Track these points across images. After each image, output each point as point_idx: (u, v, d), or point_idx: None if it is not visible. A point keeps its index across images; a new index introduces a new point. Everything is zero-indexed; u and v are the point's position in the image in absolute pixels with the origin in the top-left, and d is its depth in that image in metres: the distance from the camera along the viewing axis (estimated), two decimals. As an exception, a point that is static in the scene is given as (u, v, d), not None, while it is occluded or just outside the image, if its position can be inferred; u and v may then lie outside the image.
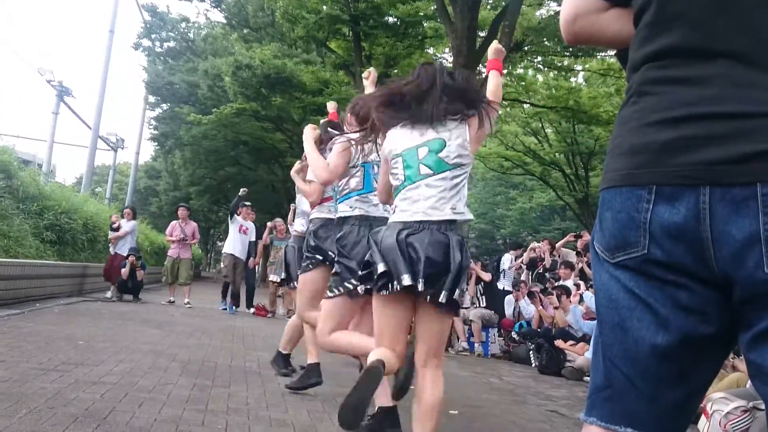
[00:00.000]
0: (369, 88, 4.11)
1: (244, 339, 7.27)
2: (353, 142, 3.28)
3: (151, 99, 28.27)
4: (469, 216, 2.79)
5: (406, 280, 2.57)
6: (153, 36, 28.83)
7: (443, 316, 2.70)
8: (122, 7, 60.42)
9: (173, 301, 11.42)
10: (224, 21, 24.93)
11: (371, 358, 2.68)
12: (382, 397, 3.28)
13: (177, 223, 11.71)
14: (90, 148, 20.70)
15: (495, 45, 3.39)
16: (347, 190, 3.52)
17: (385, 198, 3.08)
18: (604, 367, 1.24)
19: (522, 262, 11.20)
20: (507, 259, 10.92)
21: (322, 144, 4.05)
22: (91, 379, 4.08)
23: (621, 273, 1.21)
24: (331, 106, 5.16)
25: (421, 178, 2.73)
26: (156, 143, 32.78)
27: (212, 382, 4.53)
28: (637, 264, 1.18)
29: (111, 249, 11.43)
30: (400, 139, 2.84)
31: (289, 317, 11.01)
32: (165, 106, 28.42)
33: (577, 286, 8.02)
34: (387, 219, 3.00)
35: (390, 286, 2.64)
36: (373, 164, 3.49)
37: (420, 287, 2.55)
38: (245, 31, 22.57)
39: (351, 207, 3.49)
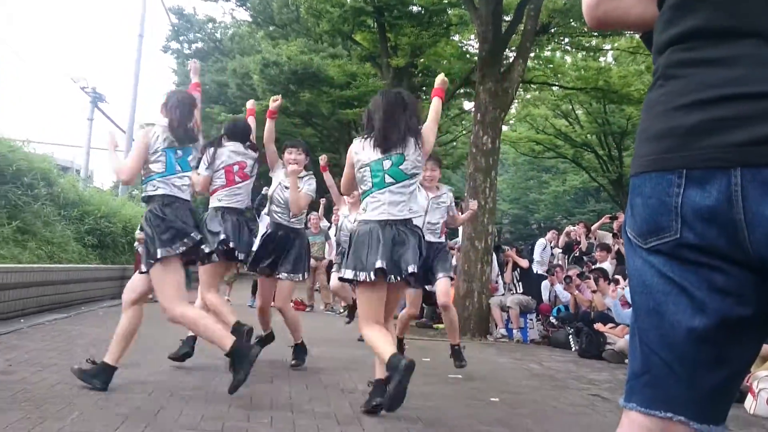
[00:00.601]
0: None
1: (284, 334, 7.35)
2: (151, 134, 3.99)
3: (182, 100, 28.59)
4: (420, 213, 4.10)
5: (379, 263, 3.45)
6: (181, 38, 29.14)
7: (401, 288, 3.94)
8: (150, 12, 61.23)
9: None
10: (250, 19, 25.02)
11: (388, 355, 3.37)
12: (378, 372, 3.80)
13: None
14: (125, 151, 21.06)
15: (441, 77, 4.28)
16: (151, 173, 3.95)
17: (345, 190, 4.28)
18: (641, 352, 1.24)
19: (557, 246, 11.13)
20: (540, 245, 10.86)
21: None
22: (139, 379, 4.19)
23: (654, 258, 1.21)
24: (250, 103, 6.02)
25: (386, 185, 3.62)
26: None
27: (256, 378, 4.60)
28: (671, 248, 1.18)
29: (139, 249, 11.60)
30: (367, 151, 3.67)
31: (327, 311, 11.15)
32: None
33: (616, 281, 7.92)
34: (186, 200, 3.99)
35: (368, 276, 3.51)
36: (175, 150, 4.04)
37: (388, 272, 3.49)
38: (271, 28, 22.63)
39: (154, 187, 3.95)
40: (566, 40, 15.13)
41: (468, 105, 20.67)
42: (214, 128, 25.27)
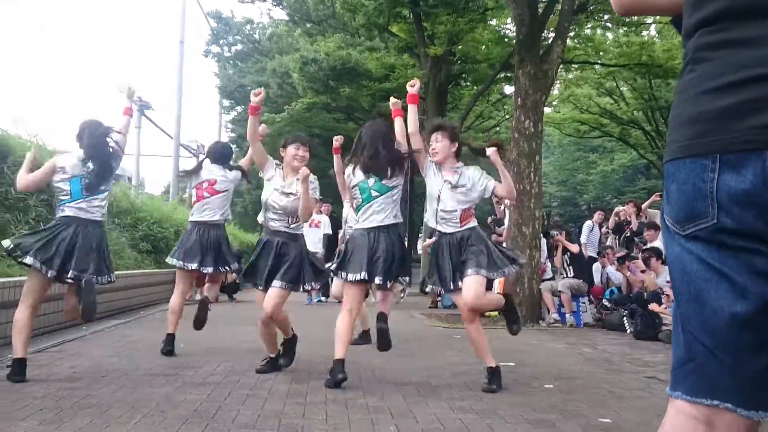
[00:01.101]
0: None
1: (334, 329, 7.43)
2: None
3: (226, 103, 29.06)
4: (400, 218, 4.67)
5: (363, 275, 4.34)
6: (221, 41, 29.53)
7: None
8: (190, 18, 62.26)
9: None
10: (287, 18, 25.21)
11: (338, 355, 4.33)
12: (340, 351, 4.34)
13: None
14: (173, 156, 21.56)
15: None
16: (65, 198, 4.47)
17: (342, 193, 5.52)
18: (684, 340, 1.24)
19: (608, 228, 10.96)
20: (587, 227, 10.72)
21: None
22: (197, 380, 4.31)
23: (693, 245, 1.20)
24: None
25: (373, 199, 4.48)
26: (235, 145, 33.66)
27: (309, 375, 4.69)
28: (709, 234, 1.17)
29: None
30: (357, 174, 4.53)
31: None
32: (239, 109, 29.11)
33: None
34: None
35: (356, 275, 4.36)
36: (81, 178, 4.48)
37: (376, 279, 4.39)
38: (308, 25, 22.75)
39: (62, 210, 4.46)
40: (606, 16, 14.83)
41: (509, 89, 20.44)
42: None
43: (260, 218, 4.98)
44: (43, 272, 4.20)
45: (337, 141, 5.56)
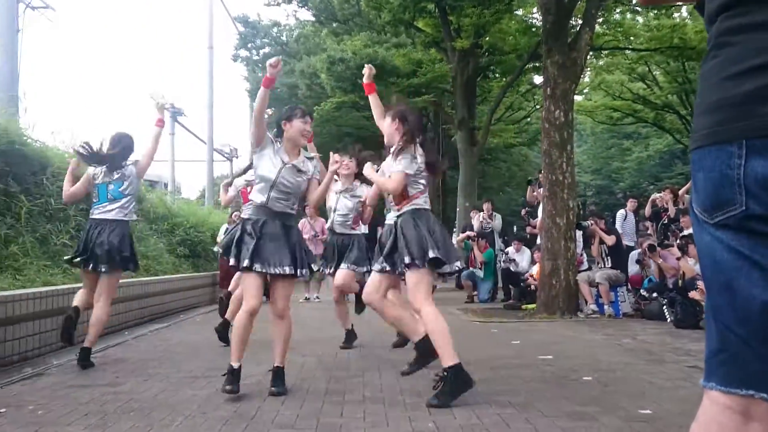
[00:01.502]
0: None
1: (371, 326, 7.46)
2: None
3: (256, 106, 29.30)
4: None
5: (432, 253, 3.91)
6: (249, 45, 29.81)
7: None
8: (217, 23, 62.92)
9: (309, 299, 11.58)
10: (313, 18, 25.35)
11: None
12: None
13: (306, 221, 11.13)
14: (207, 161, 21.83)
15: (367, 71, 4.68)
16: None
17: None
18: (716, 330, 1.22)
19: (646, 216, 10.81)
20: (620, 215, 10.58)
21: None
22: (236, 381, 4.35)
23: (722, 233, 1.19)
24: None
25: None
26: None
27: (347, 373, 4.72)
28: (738, 222, 1.15)
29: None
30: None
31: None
32: (270, 111, 29.38)
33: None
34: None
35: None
36: (107, 185, 5.17)
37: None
38: (334, 24, 22.86)
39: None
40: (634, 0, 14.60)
41: (538, 79, 20.26)
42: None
43: (256, 198, 4.18)
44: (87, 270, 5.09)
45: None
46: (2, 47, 9.42)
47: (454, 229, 17.73)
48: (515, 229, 15.94)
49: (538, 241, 9.87)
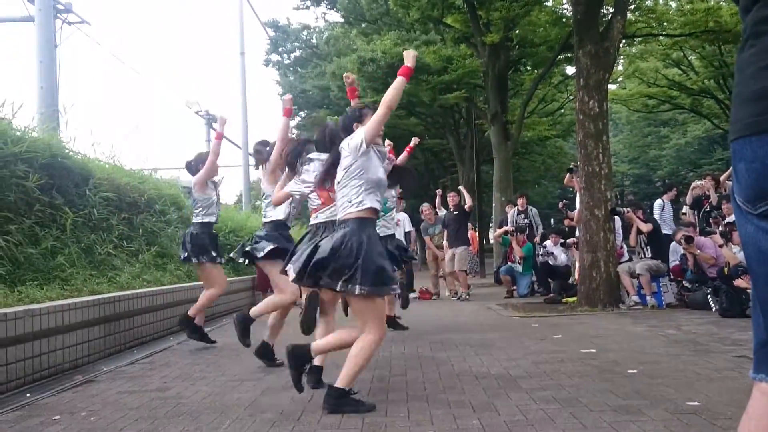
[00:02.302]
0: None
1: (413, 324, 7.49)
2: None
3: (289, 109, 29.54)
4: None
5: None
6: (279, 49, 30.12)
7: None
8: (248, 29, 63.47)
9: None
10: (342, 20, 25.49)
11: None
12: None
13: None
14: (243, 166, 22.06)
15: (409, 52, 4.03)
16: None
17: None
18: (764, 321, 1.21)
19: (686, 204, 10.62)
20: (658, 205, 10.41)
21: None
22: (280, 384, 4.42)
23: (767, 223, 1.18)
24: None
25: None
26: (299, 150, 34.28)
27: (390, 372, 4.74)
28: None
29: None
30: None
31: (454, 298, 11.21)
32: (302, 114, 29.64)
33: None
34: None
35: None
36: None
37: None
38: (363, 25, 22.95)
39: None
40: (667, -15, 14.36)
41: (571, 70, 20.04)
42: (321, 132, 26.12)
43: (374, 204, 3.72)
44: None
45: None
46: (41, 63, 9.66)
47: (491, 224, 17.66)
48: (552, 222, 15.79)
49: (577, 233, 9.77)
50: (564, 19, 16.43)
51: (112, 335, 5.94)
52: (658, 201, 10.67)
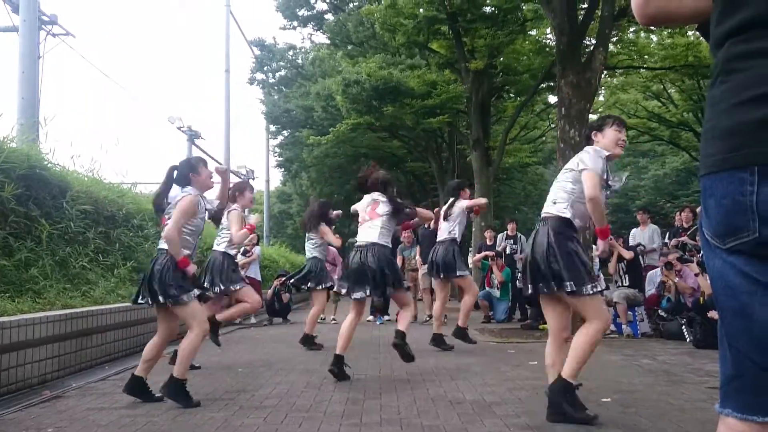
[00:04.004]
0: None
1: (390, 347, 7.44)
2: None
3: (272, 128, 29.57)
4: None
5: None
6: (265, 68, 30.14)
7: None
8: (234, 47, 63.61)
9: (335, 320, 11.56)
10: (328, 41, 25.61)
11: None
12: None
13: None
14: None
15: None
16: None
17: None
18: (731, 356, 1.22)
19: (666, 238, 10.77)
20: (634, 235, 10.53)
21: None
22: (253, 404, 4.38)
23: (735, 258, 1.19)
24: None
25: None
26: (283, 169, 34.24)
27: (364, 395, 4.71)
28: (751, 248, 1.16)
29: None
30: None
31: (428, 321, 11.17)
32: (286, 133, 29.62)
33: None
34: None
35: None
36: None
37: None
38: (349, 47, 23.06)
39: None
40: (648, 19, 14.64)
41: (553, 99, 20.29)
42: (305, 150, 26.09)
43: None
44: None
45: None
46: (23, 74, 9.59)
47: (470, 249, 17.69)
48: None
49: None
50: (547, 49, 16.65)
51: (83, 350, 5.85)
52: (634, 230, 10.77)
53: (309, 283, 7.64)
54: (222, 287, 6.20)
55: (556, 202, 3.92)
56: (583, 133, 4.10)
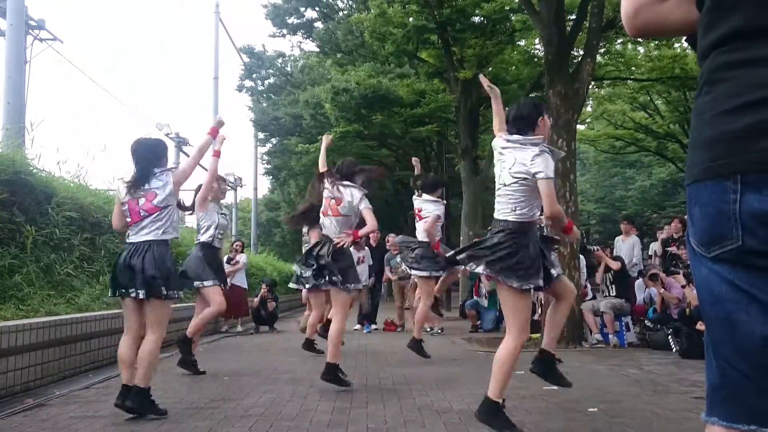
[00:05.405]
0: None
1: (377, 356, 7.44)
2: None
3: (261, 135, 29.51)
4: None
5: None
6: (254, 75, 30.09)
7: None
8: (223, 54, 63.60)
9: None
10: (317, 49, 25.64)
11: None
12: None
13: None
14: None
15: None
16: None
17: None
18: (717, 365, 1.22)
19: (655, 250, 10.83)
20: (616, 243, 10.61)
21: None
22: (239, 413, 4.34)
23: (720, 267, 1.19)
24: None
25: None
26: (271, 177, 34.15)
27: (350, 404, 4.69)
28: (735, 256, 1.16)
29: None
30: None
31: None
32: (274, 141, 29.54)
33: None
34: None
35: None
36: None
37: None
38: (338, 55, 23.10)
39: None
40: (635, 31, 14.79)
41: (541, 109, 20.41)
42: (293, 158, 26.04)
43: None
44: None
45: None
46: (10, 78, 9.53)
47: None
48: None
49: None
50: (536, 59, 16.78)
51: (67, 358, 5.79)
52: (617, 239, 10.84)
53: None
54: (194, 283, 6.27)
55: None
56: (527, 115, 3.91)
